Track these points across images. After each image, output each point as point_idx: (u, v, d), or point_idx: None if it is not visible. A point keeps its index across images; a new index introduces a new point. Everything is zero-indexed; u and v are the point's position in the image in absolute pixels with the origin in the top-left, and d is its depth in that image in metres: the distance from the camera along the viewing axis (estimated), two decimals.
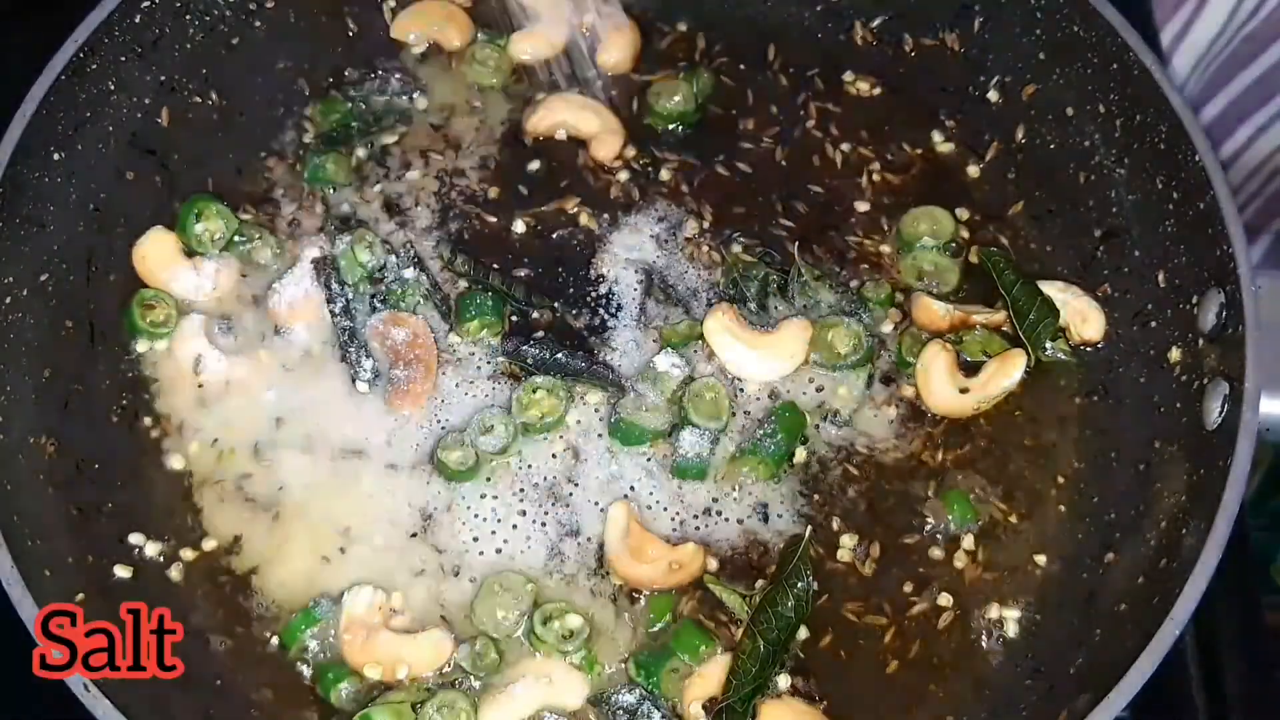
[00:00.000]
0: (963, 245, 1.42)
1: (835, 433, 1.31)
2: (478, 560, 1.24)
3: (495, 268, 1.39)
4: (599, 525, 1.25)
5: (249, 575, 1.23)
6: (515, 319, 1.37)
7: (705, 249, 1.41)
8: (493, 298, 1.36)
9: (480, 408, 1.30)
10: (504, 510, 1.26)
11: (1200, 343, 1.22)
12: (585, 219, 1.43)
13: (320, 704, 1.18)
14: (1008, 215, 1.45)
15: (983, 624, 1.23)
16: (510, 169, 1.47)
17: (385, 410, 1.31)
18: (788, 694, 1.18)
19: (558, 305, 1.38)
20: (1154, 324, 1.30)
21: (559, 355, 1.32)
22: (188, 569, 1.23)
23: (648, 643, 1.20)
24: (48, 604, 1.06)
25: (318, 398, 1.32)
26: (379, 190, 1.45)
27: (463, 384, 1.33)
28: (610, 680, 1.19)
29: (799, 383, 1.33)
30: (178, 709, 1.12)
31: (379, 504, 1.26)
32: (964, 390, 1.31)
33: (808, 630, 1.21)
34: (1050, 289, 1.34)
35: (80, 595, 1.12)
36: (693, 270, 1.40)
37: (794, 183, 1.47)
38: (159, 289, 1.35)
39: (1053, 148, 1.44)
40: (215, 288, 1.37)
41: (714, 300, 1.37)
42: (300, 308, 1.35)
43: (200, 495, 1.27)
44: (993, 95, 1.48)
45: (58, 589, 1.10)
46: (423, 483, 1.27)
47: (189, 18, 1.40)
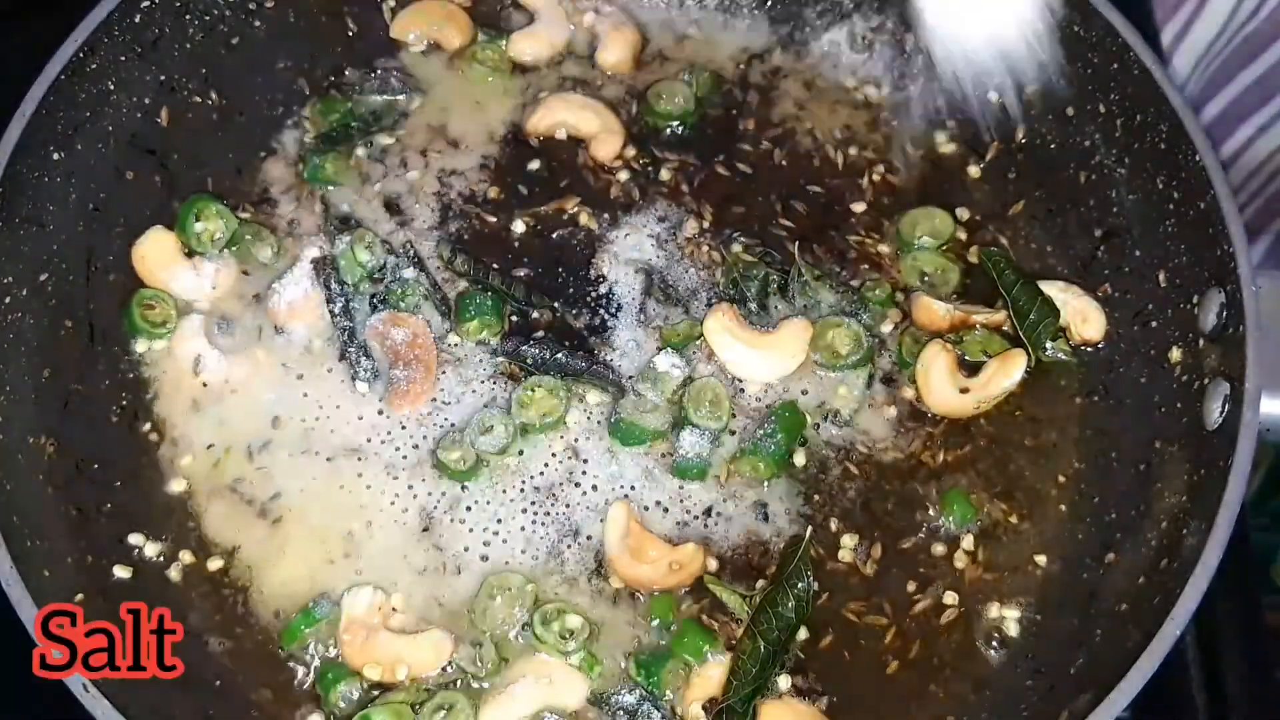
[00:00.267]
0: (963, 245, 1.42)
1: (835, 433, 1.31)
2: (478, 560, 1.24)
3: (495, 268, 1.39)
4: (599, 525, 1.25)
5: (249, 575, 1.23)
6: (515, 319, 1.37)
7: (705, 249, 1.41)
8: (493, 298, 1.35)
9: (480, 408, 1.30)
10: (504, 510, 1.26)
11: (1201, 343, 1.22)
12: (585, 219, 1.43)
13: (320, 704, 1.17)
14: (1008, 215, 1.45)
15: (983, 624, 1.23)
16: (510, 169, 1.47)
17: (385, 410, 1.31)
18: (788, 694, 1.18)
19: (558, 305, 1.38)
20: (1154, 324, 1.30)
21: (559, 355, 1.32)
22: (187, 569, 1.23)
23: (648, 643, 1.20)
24: (48, 604, 1.06)
25: (317, 398, 1.32)
26: (379, 190, 1.45)
27: (463, 384, 1.33)
28: (610, 680, 1.19)
29: (799, 383, 1.33)
30: (178, 709, 1.12)
31: (379, 504, 1.26)
32: (964, 390, 1.31)
33: (808, 630, 1.21)
34: (1050, 289, 1.35)
35: (80, 595, 1.12)
36: (693, 270, 1.40)
37: (794, 183, 1.47)
38: (159, 289, 1.35)
39: (1053, 148, 1.44)
40: (215, 288, 1.37)
41: (714, 300, 1.37)
42: (300, 308, 1.35)
43: (200, 495, 1.27)
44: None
45: (58, 589, 1.10)
46: (423, 483, 1.27)
47: (189, 18, 1.40)
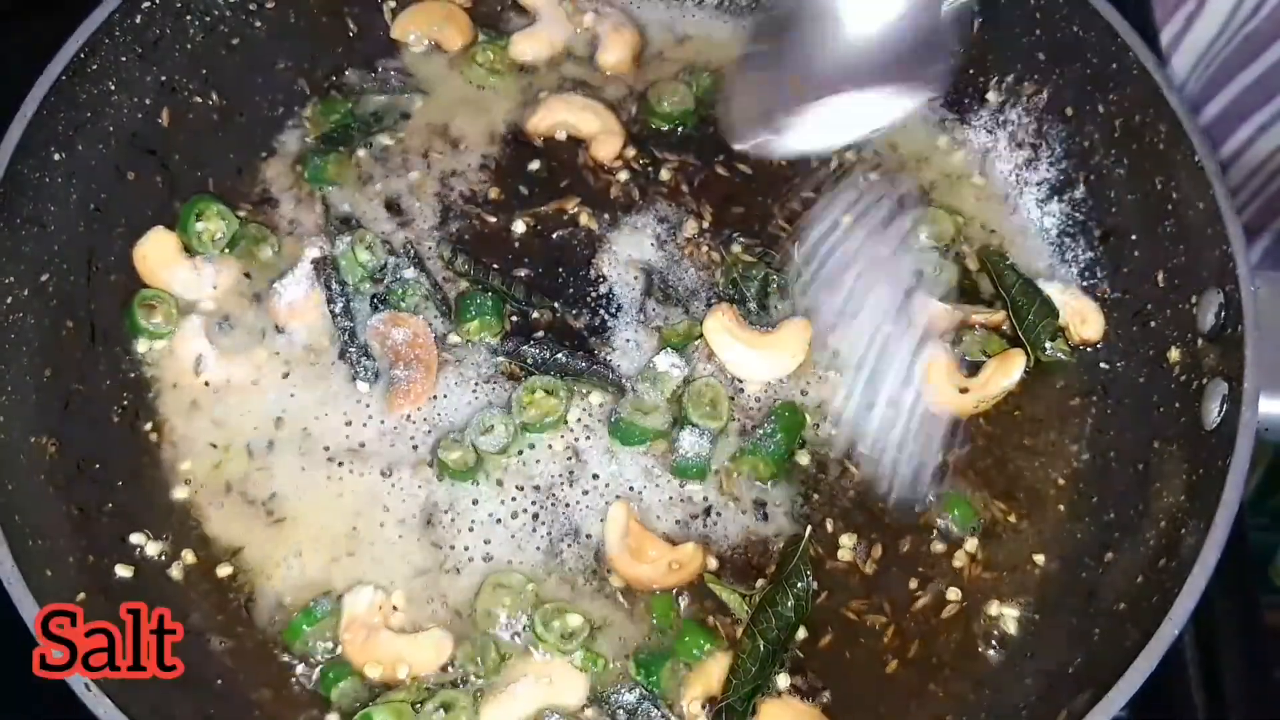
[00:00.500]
0: (963, 246, 1.42)
1: (835, 433, 1.32)
2: (478, 560, 1.24)
3: (495, 268, 1.39)
4: (599, 525, 1.25)
5: (249, 575, 1.24)
6: (515, 319, 1.37)
7: (705, 249, 1.41)
8: (493, 298, 1.36)
9: (480, 408, 1.30)
10: (504, 510, 1.27)
11: (1200, 343, 1.22)
12: (585, 219, 1.43)
13: (320, 704, 1.18)
14: (1008, 215, 1.45)
15: (982, 623, 1.23)
16: (510, 169, 1.47)
17: (385, 410, 1.31)
18: (788, 693, 1.18)
19: (558, 305, 1.38)
20: (1153, 324, 1.30)
21: (559, 355, 1.32)
22: (188, 569, 1.23)
23: (648, 643, 1.20)
24: (48, 604, 1.06)
25: (318, 398, 1.32)
26: (379, 190, 1.45)
27: (463, 384, 1.33)
28: (610, 680, 1.19)
29: (799, 383, 1.34)
30: (178, 709, 1.12)
31: (379, 504, 1.27)
32: (963, 390, 1.31)
33: (807, 630, 1.21)
34: (1050, 289, 1.35)
35: (80, 595, 1.12)
36: (693, 270, 1.40)
37: (794, 183, 1.47)
38: (159, 289, 1.35)
39: (1053, 147, 1.44)
40: (216, 288, 1.37)
41: (714, 300, 1.37)
42: (300, 308, 1.35)
43: (201, 495, 1.27)
44: (992, 95, 1.48)
45: (58, 589, 1.10)
46: (423, 483, 1.28)
47: (189, 18, 1.40)
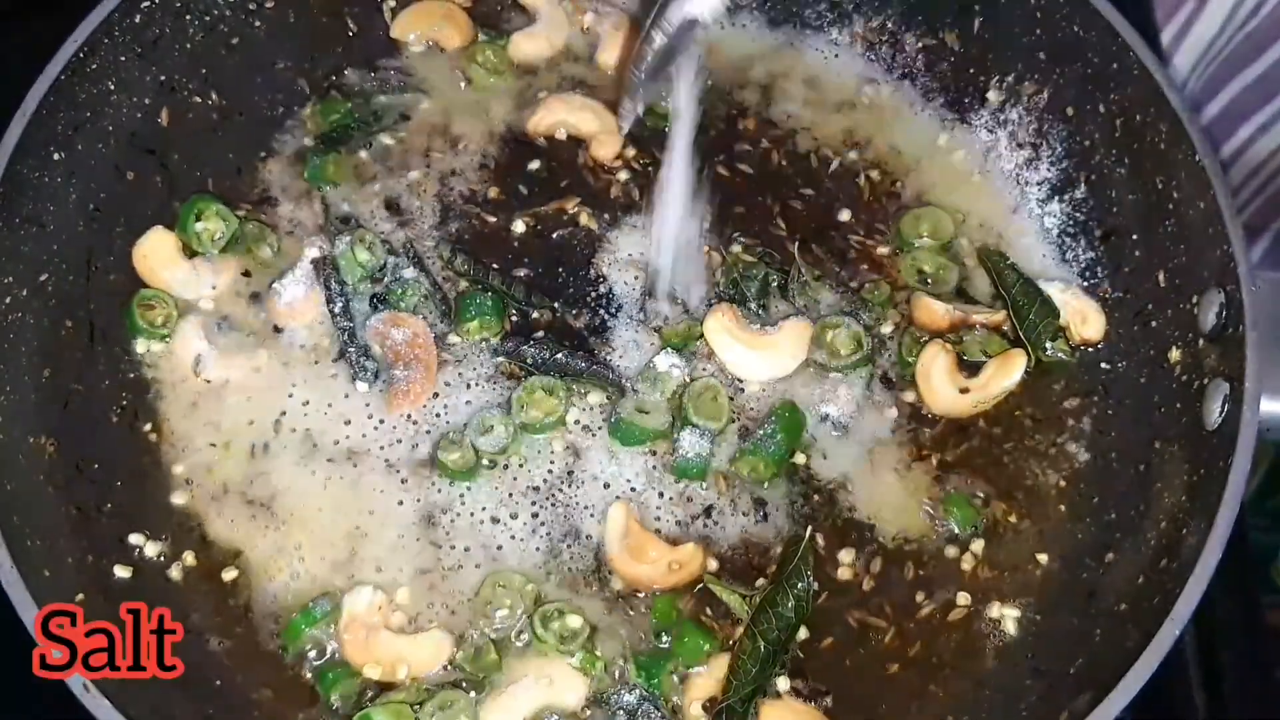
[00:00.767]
0: (962, 245, 1.42)
1: (835, 433, 1.31)
2: (478, 560, 1.24)
3: (495, 267, 1.39)
4: (599, 525, 1.25)
5: (248, 575, 1.23)
6: (515, 319, 1.37)
7: (705, 249, 1.41)
8: (493, 298, 1.35)
9: (480, 408, 1.30)
10: (504, 510, 1.26)
11: (1200, 343, 1.22)
12: (585, 219, 1.43)
13: (320, 704, 1.17)
14: (1008, 215, 1.45)
15: (983, 623, 1.23)
16: (510, 169, 1.47)
17: (385, 410, 1.31)
18: (788, 694, 1.18)
19: (558, 305, 1.38)
20: (1154, 324, 1.30)
21: (559, 355, 1.32)
22: (188, 569, 1.23)
23: (648, 643, 1.20)
24: (48, 604, 1.05)
25: (318, 397, 1.32)
26: (379, 190, 1.45)
27: (463, 384, 1.33)
28: (610, 680, 1.19)
29: (799, 383, 1.33)
30: (178, 709, 1.12)
31: (379, 504, 1.26)
32: (964, 390, 1.31)
33: (808, 630, 1.21)
34: (1050, 289, 1.35)
35: (80, 595, 1.12)
36: (693, 270, 1.40)
37: (793, 183, 1.47)
38: (159, 289, 1.35)
39: (1054, 147, 1.44)
40: (215, 287, 1.37)
41: (714, 300, 1.37)
42: (300, 308, 1.35)
43: (200, 495, 1.27)
44: (993, 95, 1.48)
45: (58, 589, 1.10)
46: (423, 483, 1.27)
47: (189, 18, 1.40)
